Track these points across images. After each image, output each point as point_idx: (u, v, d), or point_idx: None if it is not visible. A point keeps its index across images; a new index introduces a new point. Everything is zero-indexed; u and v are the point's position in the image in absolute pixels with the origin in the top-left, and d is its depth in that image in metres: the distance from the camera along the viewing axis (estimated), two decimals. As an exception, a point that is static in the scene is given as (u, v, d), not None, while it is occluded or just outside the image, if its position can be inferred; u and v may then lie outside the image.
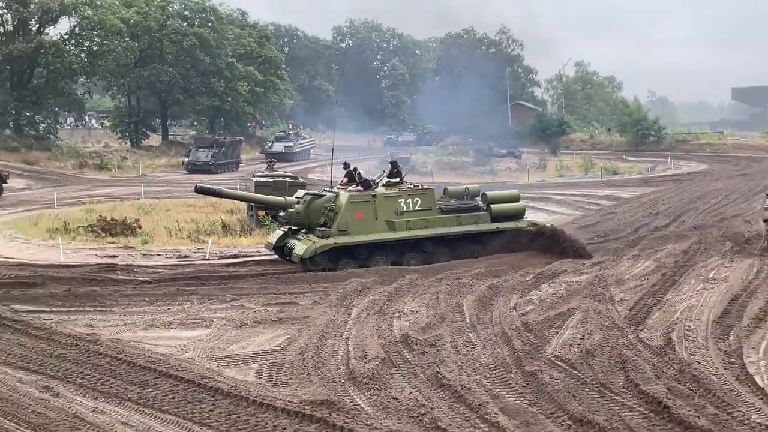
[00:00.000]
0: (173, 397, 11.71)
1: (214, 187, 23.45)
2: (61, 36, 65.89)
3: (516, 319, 15.58)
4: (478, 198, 23.35)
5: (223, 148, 60.38)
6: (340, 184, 22.96)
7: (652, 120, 75.95)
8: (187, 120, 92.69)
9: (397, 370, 12.81)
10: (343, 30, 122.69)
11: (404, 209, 21.60)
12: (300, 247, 21.10)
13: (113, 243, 26.72)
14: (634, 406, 11.10)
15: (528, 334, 14.53)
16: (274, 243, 22.42)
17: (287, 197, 23.02)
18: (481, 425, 10.63)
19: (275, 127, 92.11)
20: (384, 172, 23.66)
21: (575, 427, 10.49)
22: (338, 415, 10.96)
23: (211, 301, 17.79)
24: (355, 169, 23.47)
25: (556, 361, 12.99)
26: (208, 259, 23.85)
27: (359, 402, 11.53)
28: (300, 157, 69.64)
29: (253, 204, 28.47)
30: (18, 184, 47.76)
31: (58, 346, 14.08)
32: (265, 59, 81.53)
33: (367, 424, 10.67)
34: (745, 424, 10.42)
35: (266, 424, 10.74)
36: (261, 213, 29.50)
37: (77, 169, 58.36)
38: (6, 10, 62.86)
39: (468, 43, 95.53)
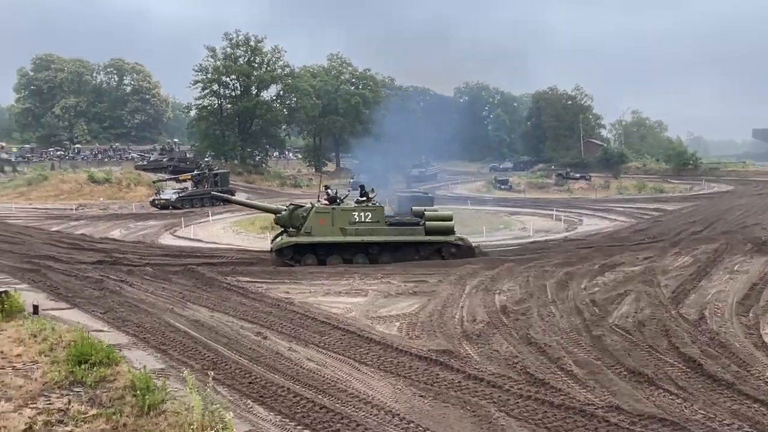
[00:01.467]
0: (341, 343, 11.90)
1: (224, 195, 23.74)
2: (271, 97, 68.63)
3: (585, 297, 15.03)
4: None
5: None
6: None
7: (690, 153, 72.07)
8: (352, 153, 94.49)
9: (498, 330, 12.60)
10: (461, 89, 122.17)
11: (357, 220, 20.41)
12: (275, 242, 20.78)
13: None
14: (675, 363, 10.58)
15: (594, 308, 13.99)
16: (272, 239, 21.90)
17: (279, 206, 22.36)
18: (559, 372, 10.33)
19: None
20: (348, 192, 22.56)
21: (629, 377, 10.05)
22: (455, 360, 10.90)
23: (367, 278, 17.83)
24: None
25: (616, 329, 12.47)
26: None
27: (470, 352, 11.40)
28: (430, 180, 69.72)
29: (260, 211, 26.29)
30: (242, 197, 49.81)
31: (266, 305, 14.58)
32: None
33: (475, 368, 10.57)
34: (759, 379, 9.92)
35: (405, 364, 10.79)
36: None
37: (280, 186, 60.37)
38: (236, 81, 66.14)
39: (552, 97, 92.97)
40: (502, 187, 56.71)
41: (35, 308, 12.55)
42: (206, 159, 66.23)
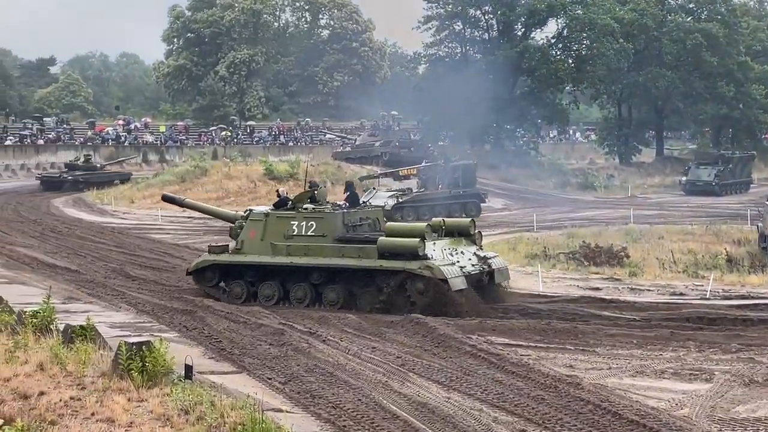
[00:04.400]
0: (667, 465, 11.39)
1: (175, 196, 27.10)
2: (547, 39, 68.86)
3: None
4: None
5: (730, 166, 58.27)
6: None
7: None
8: (687, 132, 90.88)
9: None
10: None
11: (294, 233, 21.64)
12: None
13: (597, 273, 26.95)
14: None
15: None
16: None
17: (236, 212, 24.10)
18: None
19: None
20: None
21: None
22: None
23: (711, 349, 17.11)
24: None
25: None
26: (708, 299, 23.00)
27: None
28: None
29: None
30: (496, 204, 50.70)
31: (535, 386, 14.37)
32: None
33: None
34: None
35: None
36: None
37: (559, 188, 60.38)
38: (492, 16, 67.42)
39: None
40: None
41: (188, 369, 13.64)
42: (441, 143, 68.67)
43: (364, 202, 22.34)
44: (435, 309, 20.03)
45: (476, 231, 22.85)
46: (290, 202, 23.10)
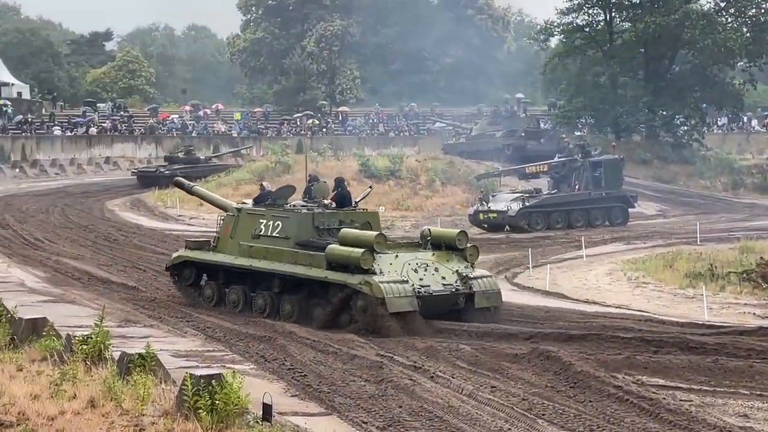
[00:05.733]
0: None
1: (185, 181, 31.14)
2: (715, 3, 67.64)
3: None
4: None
5: None
6: None
7: None
8: None
9: None
10: None
11: (261, 232, 23.97)
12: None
13: (778, 298, 26.44)
14: None
15: None
16: None
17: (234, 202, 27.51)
18: None
19: None
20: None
21: None
22: None
23: None
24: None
25: None
26: None
27: None
28: None
29: None
30: (649, 209, 50.09)
31: (704, 441, 14.18)
32: None
33: None
34: None
35: None
36: None
37: (729, 189, 59.37)
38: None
39: None
40: None
41: (267, 409, 13.70)
42: (578, 132, 68.01)
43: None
44: (369, 330, 21.28)
45: (468, 245, 23.57)
46: (270, 198, 25.37)
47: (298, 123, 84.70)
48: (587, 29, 69.16)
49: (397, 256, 22.47)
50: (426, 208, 49.39)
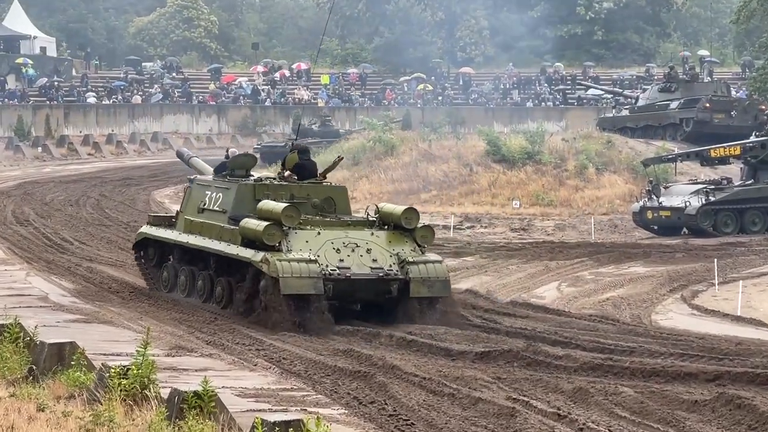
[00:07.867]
0: None
1: (185, 151, 34.89)
2: None
3: None
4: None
5: None
6: None
7: None
8: None
9: None
10: None
11: (205, 205, 27.08)
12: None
13: None
14: None
15: None
16: None
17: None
18: None
19: None
20: None
21: None
22: None
23: None
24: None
25: None
26: None
27: None
28: None
29: None
30: None
31: None
32: None
33: None
34: None
35: None
36: None
37: None
38: None
39: None
40: None
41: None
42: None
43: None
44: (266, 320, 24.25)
45: (419, 225, 25.76)
46: (227, 167, 28.07)
47: (405, 89, 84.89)
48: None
49: (319, 233, 24.87)
50: (575, 204, 49.28)
